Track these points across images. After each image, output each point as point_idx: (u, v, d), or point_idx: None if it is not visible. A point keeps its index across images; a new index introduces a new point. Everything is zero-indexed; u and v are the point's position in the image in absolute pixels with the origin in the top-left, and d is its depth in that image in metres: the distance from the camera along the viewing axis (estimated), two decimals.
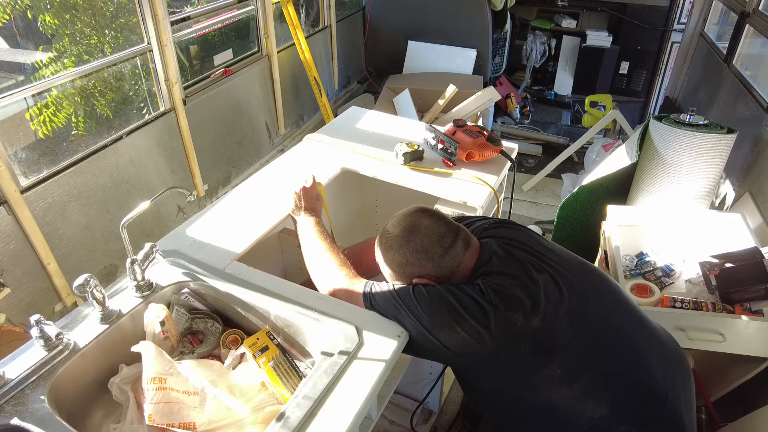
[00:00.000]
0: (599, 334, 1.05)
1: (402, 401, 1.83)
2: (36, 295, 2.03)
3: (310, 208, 1.37)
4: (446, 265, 1.08)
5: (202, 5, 2.98)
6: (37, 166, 2.07)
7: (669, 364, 1.10)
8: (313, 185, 1.42)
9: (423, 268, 1.09)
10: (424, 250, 1.08)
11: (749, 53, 2.88)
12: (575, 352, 1.02)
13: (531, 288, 1.03)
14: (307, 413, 0.92)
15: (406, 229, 1.10)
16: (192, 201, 2.12)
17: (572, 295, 1.05)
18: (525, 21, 4.84)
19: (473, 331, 0.99)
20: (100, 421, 1.10)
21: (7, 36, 2.29)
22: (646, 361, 1.06)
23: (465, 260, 1.09)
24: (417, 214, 1.12)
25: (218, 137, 3.01)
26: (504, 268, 1.07)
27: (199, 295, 1.26)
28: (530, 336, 1.00)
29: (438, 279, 1.09)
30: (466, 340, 1.00)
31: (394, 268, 1.13)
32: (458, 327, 1.00)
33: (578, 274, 1.12)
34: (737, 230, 1.83)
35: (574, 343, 1.02)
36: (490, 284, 1.03)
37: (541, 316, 1.00)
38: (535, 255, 1.11)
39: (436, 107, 3.44)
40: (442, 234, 1.08)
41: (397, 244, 1.10)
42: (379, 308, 1.12)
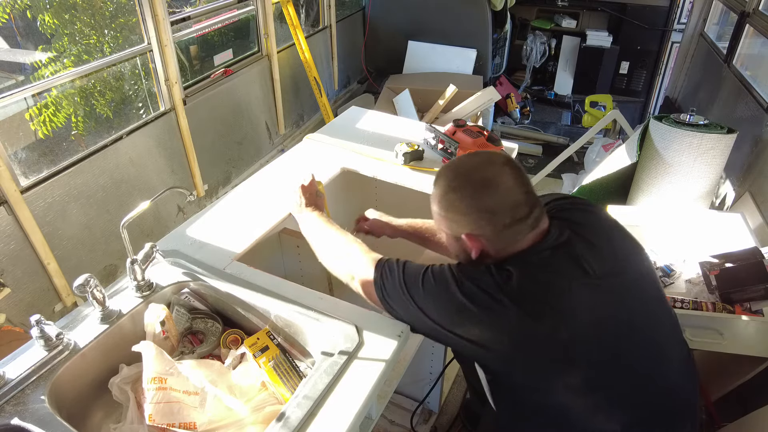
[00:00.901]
0: (634, 354, 0.98)
1: (402, 401, 1.83)
2: (36, 295, 2.03)
3: (311, 203, 1.34)
4: (504, 239, 0.97)
5: (202, 5, 2.98)
6: (37, 166, 2.07)
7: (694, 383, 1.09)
8: (312, 182, 1.40)
9: (479, 229, 0.96)
10: (491, 212, 0.95)
11: (749, 53, 2.88)
12: (599, 367, 0.95)
13: (571, 293, 0.93)
14: (308, 413, 0.92)
15: (484, 179, 0.96)
16: (192, 201, 2.12)
17: (618, 309, 0.97)
18: (525, 21, 4.84)
19: (487, 331, 0.93)
20: (100, 421, 1.10)
21: (6, 36, 2.29)
22: (683, 389, 1.04)
23: (524, 241, 0.97)
24: (502, 167, 0.96)
25: (218, 137, 3.01)
26: (554, 264, 0.95)
27: (199, 295, 1.26)
28: (554, 345, 0.92)
29: (486, 246, 0.98)
30: (481, 336, 0.93)
31: (447, 211, 1.00)
32: (471, 324, 0.93)
33: (633, 285, 1.01)
34: (737, 230, 1.83)
35: (602, 358, 0.95)
36: (528, 280, 0.93)
37: (571, 329, 0.92)
38: (593, 252, 0.98)
39: (436, 107, 3.44)
40: (518, 203, 0.95)
41: (464, 191, 0.97)
42: (391, 301, 1.03)
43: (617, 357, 0.97)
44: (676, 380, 1.04)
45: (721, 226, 1.85)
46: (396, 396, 1.84)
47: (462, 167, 1.00)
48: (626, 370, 0.98)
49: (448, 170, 1.01)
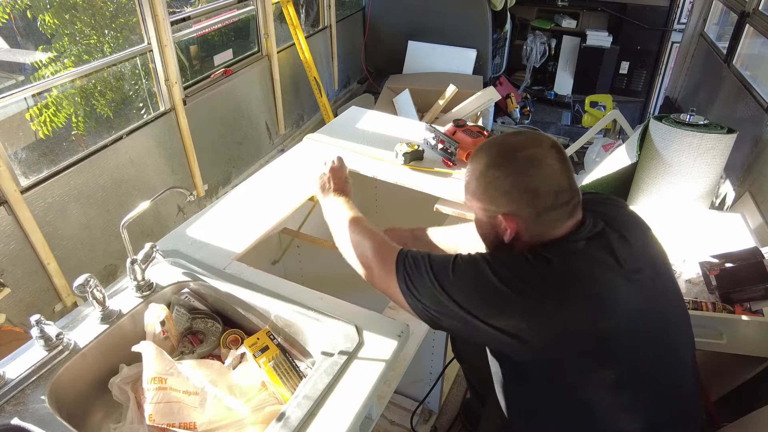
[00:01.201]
0: (659, 353, 0.98)
1: (402, 401, 1.83)
2: (36, 295, 2.03)
3: (339, 189, 1.25)
4: (542, 224, 0.93)
5: (202, 5, 2.98)
6: (37, 166, 2.07)
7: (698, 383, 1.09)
8: (343, 167, 1.31)
9: (519, 210, 0.92)
10: (534, 193, 0.90)
11: (749, 53, 2.88)
12: (633, 364, 0.93)
13: (611, 286, 0.91)
14: (308, 413, 0.92)
15: (531, 158, 0.91)
16: (192, 201, 2.12)
17: (647, 306, 0.95)
18: (525, 21, 4.84)
19: (526, 321, 0.87)
20: (100, 421, 1.10)
21: (7, 36, 2.29)
22: (690, 391, 1.04)
23: (562, 228, 0.94)
24: (549, 148, 0.92)
25: (218, 137, 3.01)
26: (593, 253, 0.92)
27: (200, 295, 1.26)
28: (593, 338, 0.89)
29: (521, 229, 0.94)
30: (518, 326, 0.88)
31: (486, 189, 0.95)
32: (509, 314, 0.88)
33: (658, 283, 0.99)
34: (737, 230, 1.83)
35: (635, 355, 0.93)
36: (573, 267, 0.90)
37: (613, 321, 0.89)
38: (626, 245, 0.96)
39: (436, 107, 3.44)
40: (562, 188, 0.91)
41: (509, 168, 0.92)
42: (417, 293, 0.95)
43: (648, 354, 0.95)
44: (687, 380, 1.04)
45: (721, 226, 1.85)
46: (396, 396, 1.84)
47: (507, 144, 0.95)
48: (654, 368, 0.97)
49: (491, 147, 0.96)
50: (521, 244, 0.96)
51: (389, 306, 1.26)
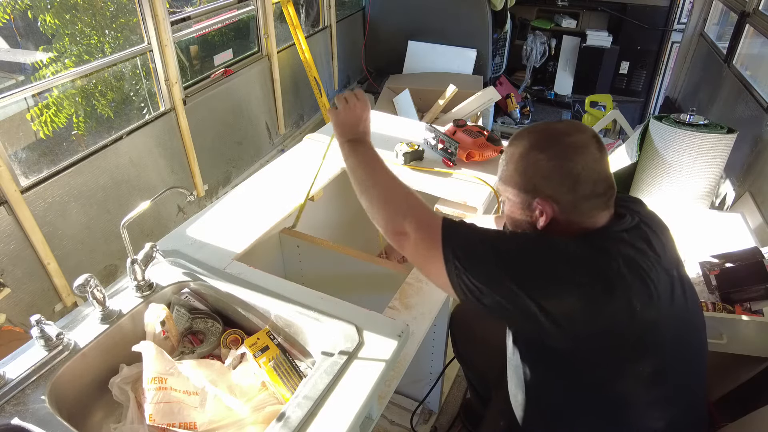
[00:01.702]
0: (688, 353, 0.97)
1: (402, 401, 1.83)
2: (36, 295, 2.03)
3: (365, 131, 1.12)
4: (580, 211, 0.91)
5: (202, 5, 2.98)
6: (37, 166, 2.07)
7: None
8: (366, 105, 1.13)
9: (558, 195, 0.90)
10: (575, 179, 0.89)
11: (749, 53, 2.88)
12: (668, 358, 0.92)
13: (655, 276, 0.89)
14: (308, 413, 0.92)
15: (574, 143, 0.90)
16: (192, 201, 2.12)
17: (680, 304, 0.94)
18: (525, 21, 4.84)
19: (581, 304, 0.84)
20: (100, 421, 1.10)
21: (7, 36, 2.29)
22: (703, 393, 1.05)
23: (599, 218, 0.93)
24: (591, 138, 0.92)
25: (218, 137, 3.01)
26: (637, 243, 0.91)
27: (200, 295, 1.26)
28: (640, 326, 0.87)
29: (558, 216, 0.92)
30: (571, 309, 0.84)
31: (525, 172, 0.93)
32: (565, 295, 0.84)
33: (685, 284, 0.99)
34: (737, 230, 1.83)
35: (671, 349, 0.92)
36: (623, 254, 0.87)
37: (656, 311, 0.88)
38: (659, 242, 0.96)
39: (436, 107, 3.44)
40: (600, 178, 0.91)
41: (552, 151, 0.91)
42: (464, 261, 0.87)
43: (680, 351, 0.95)
44: (703, 383, 1.05)
45: (721, 226, 1.85)
46: (396, 396, 1.84)
47: (551, 129, 0.95)
48: (683, 366, 0.96)
49: (533, 131, 0.95)
50: (554, 233, 0.94)
51: (389, 306, 1.26)
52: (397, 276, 1.41)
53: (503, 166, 0.99)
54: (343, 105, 1.12)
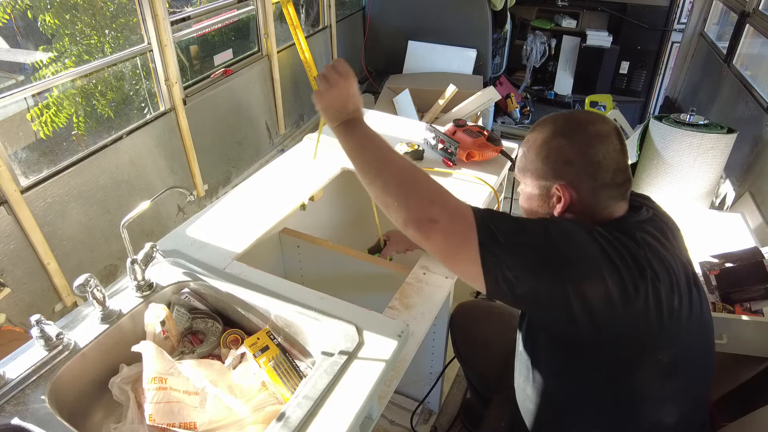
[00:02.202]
0: (699, 348, 0.97)
1: (402, 401, 1.83)
2: (36, 295, 2.03)
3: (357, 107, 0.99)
4: (599, 199, 0.92)
5: (202, 5, 2.98)
6: (37, 166, 2.07)
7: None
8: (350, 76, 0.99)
9: (578, 181, 0.91)
10: (596, 166, 0.90)
11: (749, 53, 2.89)
12: (684, 349, 0.92)
13: (675, 264, 0.90)
14: (308, 413, 0.92)
15: (598, 131, 0.92)
16: (192, 201, 2.12)
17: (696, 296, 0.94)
18: (525, 21, 4.84)
19: (620, 288, 0.82)
20: (100, 421, 1.10)
21: (7, 36, 2.29)
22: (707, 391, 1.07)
23: (617, 208, 0.94)
24: (613, 129, 0.94)
25: (218, 137, 3.01)
26: (656, 234, 0.92)
27: (200, 295, 1.26)
28: (665, 312, 0.86)
29: (575, 203, 0.93)
30: (608, 295, 0.82)
31: (547, 157, 0.94)
32: (607, 280, 0.82)
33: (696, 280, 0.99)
34: (737, 230, 1.83)
35: (688, 341, 0.92)
36: (647, 241, 0.88)
37: (678, 298, 0.88)
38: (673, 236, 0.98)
39: (436, 107, 3.44)
40: (620, 168, 0.92)
41: (576, 138, 0.92)
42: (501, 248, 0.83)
43: (695, 345, 0.95)
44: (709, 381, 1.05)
45: (721, 226, 1.86)
46: (396, 396, 1.84)
47: (575, 116, 0.97)
48: (696, 360, 0.97)
49: (557, 118, 0.96)
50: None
51: (389, 306, 1.26)
52: (397, 276, 1.41)
53: (523, 155, 0.99)
54: (325, 85, 0.99)
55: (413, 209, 0.86)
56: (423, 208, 0.85)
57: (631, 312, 0.84)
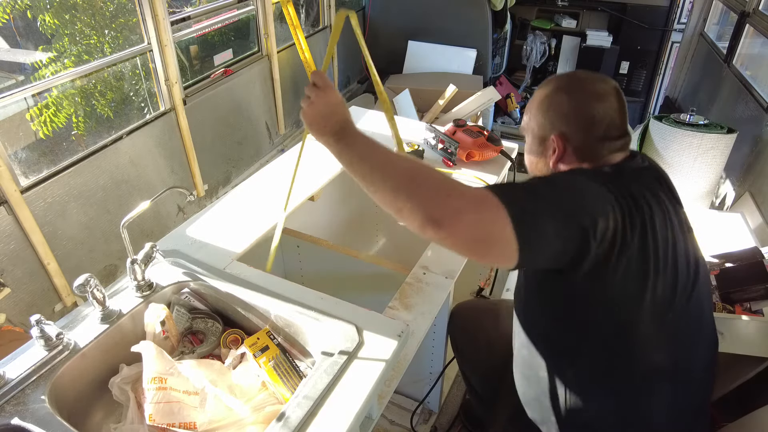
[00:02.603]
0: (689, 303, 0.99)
1: (402, 401, 1.83)
2: (36, 295, 2.03)
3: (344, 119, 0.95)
4: (593, 151, 1.00)
5: (202, 5, 2.98)
6: (37, 166, 2.07)
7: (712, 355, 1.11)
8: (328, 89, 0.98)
9: (572, 133, 1.00)
10: (590, 121, 0.99)
11: (749, 53, 2.89)
12: (678, 286, 0.95)
13: (666, 203, 0.97)
14: (308, 413, 0.92)
15: (596, 90, 1.00)
16: (192, 201, 2.12)
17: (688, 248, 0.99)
18: (525, 21, 4.84)
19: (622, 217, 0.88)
20: (100, 421, 1.10)
21: (7, 36, 2.29)
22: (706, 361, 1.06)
23: (612, 157, 1.01)
24: (613, 89, 1.01)
25: (218, 137, 3.01)
26: (650, 177, 1.00)
27: (200, 295, 1.26)
28: (659, 242, 0.91)
29: (569, 153, 1.01)
30: (615, 225, 0.87)
31: (548, 110, 1.02)
32: (615, 211, 0.87)
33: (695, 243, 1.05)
34: (737, 230, 1.83)
35: (680, 279, 0.95)
36: (640, 180, 0.97)
37: (671, 233, 0.94)
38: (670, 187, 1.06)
39: (436, 107, 3.44)
40: (614, 124, 1.00)
41: (575, 94, 1.00)
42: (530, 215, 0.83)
43: (689, 286, 0.98)
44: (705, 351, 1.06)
45: (721, 226, 1.86)
46: (396, 396, 1.84)
47: (578, 76, 1.06)
48: (694, 305, 0.99)
49: (562, 76, 1.06)
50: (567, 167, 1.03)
51: (389, 306, 1.26)
52: (397, 276, 1.41)
53: (527, 110, 1.08)
54: (306, 102, 0.99)
55: (431, 207, 0.80)
56: (442, 203, 0.79)
57: (633, 241, 0.89)
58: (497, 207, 0.80)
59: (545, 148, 1.05)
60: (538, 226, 0.83)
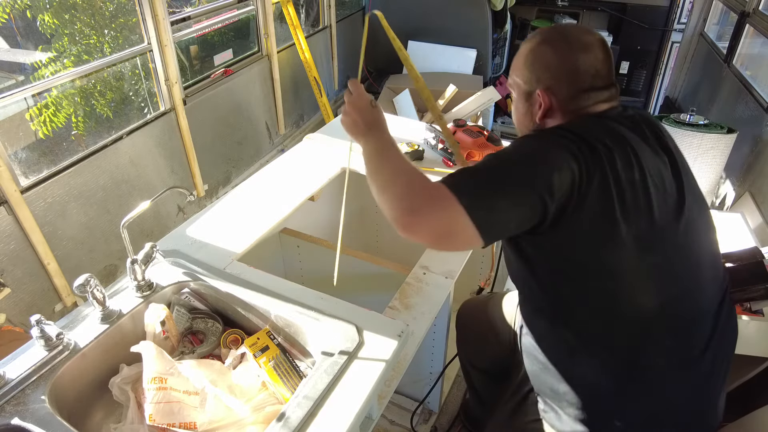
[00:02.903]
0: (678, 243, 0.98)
1: (402, 401, 1.83)
2: (36, 295, 2.03)
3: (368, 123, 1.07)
4: (578, 102, 1.00)
5: (202, 5, 2.98)
6: (37, 166, 2.07)
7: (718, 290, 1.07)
8: (360, 94, 1.13)
9: (557, 86, 1.00)
10: (575, 72, 0.99)
11: (749, 53, 2.89)
12: (659, 225, 0.94)
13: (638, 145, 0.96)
14: (308, 413, 0.92)
15: (580, 42, 0.99)
16: (192, 201, 2.12)
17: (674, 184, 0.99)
18: (525, 21, 4.84)
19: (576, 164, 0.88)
20: (100, 421, 1.10)
21: (6, 36, 2.29)
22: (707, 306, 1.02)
23: (597, 107, 1.01)
24: (598, 40, 1.01)
25: (218, 137, 3.01)
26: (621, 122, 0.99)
27: (200, 295, 1.26)
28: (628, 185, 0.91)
29: (555, 107, 1.01)
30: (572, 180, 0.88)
31: (532, 64, 1.02)
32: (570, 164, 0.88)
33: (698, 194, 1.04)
34: (737, 230, 1.83)
35: (661, 217, 0.94)
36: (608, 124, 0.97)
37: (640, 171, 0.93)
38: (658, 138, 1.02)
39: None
40: (600, 74, 1.00)
41: (559, 46, 1.00)
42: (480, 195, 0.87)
43: (675, 225, 0.97)
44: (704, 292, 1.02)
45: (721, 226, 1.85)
46: (396, 396, 1.84)
47: (563, 28, 1.05)
48: (686, 244, 0.98)
49: (547, 29, 1.05)
50: (554, 122, 1.02)
51: (389, 306, 1.26)
52: (397, 276, 1.41)
53: (513, 67, 1.06)
54: (344, 111, 1.13)
55: (396, 209, 0.89)
56: (402, 205, 0.89)
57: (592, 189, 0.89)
58: (450, 200, 0.85)
59: (531, 104, 1.04)
60: (492, 207, 0.88)
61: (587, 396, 0.99)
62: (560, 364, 1.02)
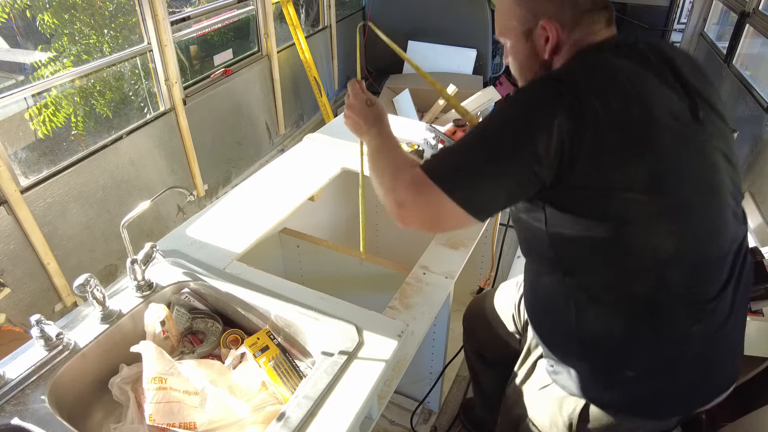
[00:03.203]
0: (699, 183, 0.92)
1: (402, 401, 1.83)
2: (36, 295, 2.03)
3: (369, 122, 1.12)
4: (583, 27, 0.93)
5: (202, 5, 2.98)
6: (37, 166, 2.07)
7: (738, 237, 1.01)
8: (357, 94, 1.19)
9: (560, 12, 0.93)
10: None
11: (749, 53, 2.89)
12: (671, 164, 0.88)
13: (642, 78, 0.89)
14: (308, 413, 0.92)
15: None
16: (192, 201, 2.12)
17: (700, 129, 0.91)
18: None
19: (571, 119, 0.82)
20: (100, 421, 1.10)
21: (6, 36, 2.29)
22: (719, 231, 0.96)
23: (599, 34, 0.95)
24: None
25: (218, 137, 3.01)
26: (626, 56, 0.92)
27: (200, 295, 1.26)
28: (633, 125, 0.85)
29: (561, 36, 0.94)
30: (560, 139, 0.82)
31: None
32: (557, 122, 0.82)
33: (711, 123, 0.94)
34: None
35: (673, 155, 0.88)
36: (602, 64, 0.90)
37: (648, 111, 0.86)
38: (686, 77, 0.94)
39: (436, 107, 3.44)
40: None
41: None
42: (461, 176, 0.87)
43: (689, 165, 0.90)
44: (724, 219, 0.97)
45: None
46: (396, 396, 1.84)
47: None
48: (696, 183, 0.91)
49: None
50: (561, 59, 0.95)
51: (389, 306, 1.26)
52: (397, 276, 1.41)
53: (498, 12, 1.00)
54: (344, 113, 1.17)
55: (388, 201, 0.92)
56: (391, 196, 0.91)
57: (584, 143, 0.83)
58: (429, 187, 0.86)
59: (533, 43, 0.96)
60: (473, 187, 0.87)
61: (599, 348, 0.97)
62: (570, 320, 0.98)
